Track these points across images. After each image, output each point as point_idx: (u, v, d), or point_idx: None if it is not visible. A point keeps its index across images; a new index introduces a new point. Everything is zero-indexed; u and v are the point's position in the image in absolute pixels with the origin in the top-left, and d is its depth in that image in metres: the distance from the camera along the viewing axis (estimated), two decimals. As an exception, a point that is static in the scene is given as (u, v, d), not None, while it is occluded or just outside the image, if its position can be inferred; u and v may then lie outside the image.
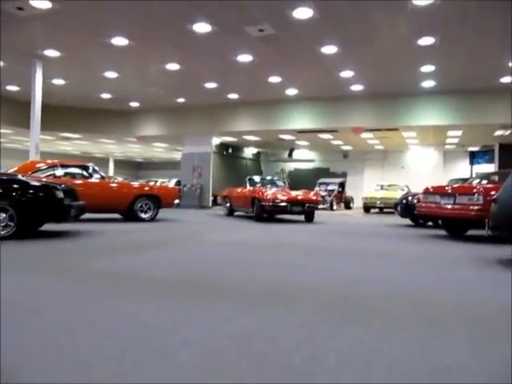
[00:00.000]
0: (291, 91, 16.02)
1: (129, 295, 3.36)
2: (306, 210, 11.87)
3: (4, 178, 6.93)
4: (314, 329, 2.62)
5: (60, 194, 6.85)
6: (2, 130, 21.19)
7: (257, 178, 14.82)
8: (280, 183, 14.91)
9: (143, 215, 10.73)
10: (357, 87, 15.14)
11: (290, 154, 26.56)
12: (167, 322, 2.68)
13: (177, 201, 11.53)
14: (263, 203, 11.52)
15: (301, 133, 19.07)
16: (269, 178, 15.87)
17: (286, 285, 3.88)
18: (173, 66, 13.30)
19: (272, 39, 10.69)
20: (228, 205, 14.31)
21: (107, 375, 1.90)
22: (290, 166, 27.59)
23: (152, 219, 10.80)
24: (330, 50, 11.41)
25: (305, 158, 27.24)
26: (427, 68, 12.80)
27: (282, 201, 11.57)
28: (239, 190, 13.88)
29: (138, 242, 6.91)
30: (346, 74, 13.53)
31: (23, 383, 1.33)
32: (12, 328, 2.51)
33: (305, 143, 23.55)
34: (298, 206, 11.66)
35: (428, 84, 14.51)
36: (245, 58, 12.16)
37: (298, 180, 25.20)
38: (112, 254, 5.52)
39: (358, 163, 26.44)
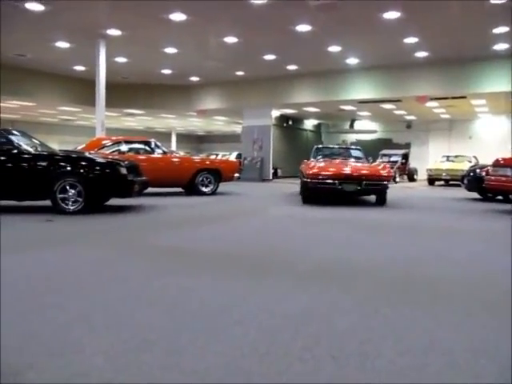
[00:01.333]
0: (352, 60, 15.51)
1: (188, 270, 3.45)
2: (367, 190, 8.75)
3: (73, 155, 7.28)
4: (370, 310, 2.57)
5: (123, 171, 7.09)
6: (73, 109, 22.21)
7: (326, 149, 11.65)
8: (357, 154, 10.95)
9: (204, 189, 10.93)
10: (421, 54, 14.39)
11: (352, 125, 25.92)
12: (224, 299, 2.73)
13: (237, 174, 11.63)
14: (306, 179, 8.92)
15: (362, 103, 18.51)
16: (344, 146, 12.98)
17: (344, 262, 3.83)
18: (231, 39, 13.23)
19: (331, 7, 10.32)
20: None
21: (163, 352, 1.96)
22: (352, 138, 26.96)
23: (213, 193, 10.98)
24: (392, 15, 10.87)
25: (367, 129, 26.51)
26: (500, 29, 11.90)
27: (328, 176, 8.65)
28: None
29: (198, 216, 7.06)
30: (410, 40, 12.87)
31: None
32: (76, 302, 2.66)
33: (366, 114, 22.88)
34: (353, 184, 8.52)
35: (500, 47, 13.51)
36: (303, 27, 11.86)
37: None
38: (172, 228, 5.68)
39: (422, 133, 25.36)
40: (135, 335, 2.15)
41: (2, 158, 6.78)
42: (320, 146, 11.43)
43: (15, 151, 6.82)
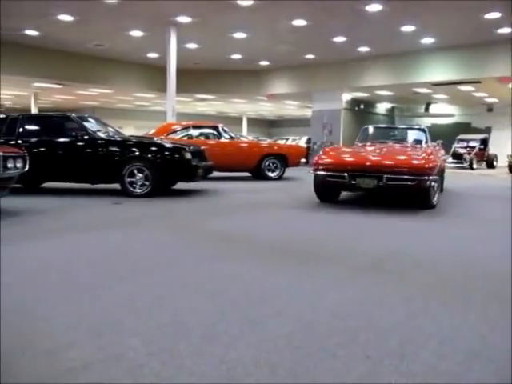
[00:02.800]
0: (427, 40, 14.68)
1: (238, 257, 3.47)
2: (392, 187, 5.93)
3: (140, 141, 7.56)
4: (419, 308, 2.45)
5: (188, 155, 7.26)
6: (147, 95, 23.01)
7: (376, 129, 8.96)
8: (417, 136, 8.25)
9: (270, 174, 10.98)
10: (505, 30, 13.32)
11: (427, 109, 24.70)
12: (268, 289, 2.72)
13: (303, 160, 11.60)
14: (317, 172, 6.49)
15: (438, 85, 17.53)
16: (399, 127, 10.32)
17: (402, 253, 3.68)
18: (300, 22, 13.00)
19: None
20: None
21: (198, 340, 1.99)
22: (427, 122, 25.72)
23: (279, 178, 11.00)
24: (472, -11, 10.13)
25: (443, 113, 25.15)
26: None
27: (337, 167, 6.27)
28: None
29: (258, 202, 7.08)
30: (492, 15, 11.94)
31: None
32: (123, 284, 2.77)
33: (443, 96, 21.66)
34: (371, 179, 5.98)
35: None
36: (375, 7, 11.37)
37: (436, 136, 23.42)
38: (230, 213, 5.74)
39: (504, 117, 23.62)
40: (175, 320, 2.20)
41: (77, 143, 7.19)
42: (368, 126, 8.80)
43: (87, 137, 7.19)
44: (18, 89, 21.42)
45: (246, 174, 11.43)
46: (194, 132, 10.95)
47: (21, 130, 7.46)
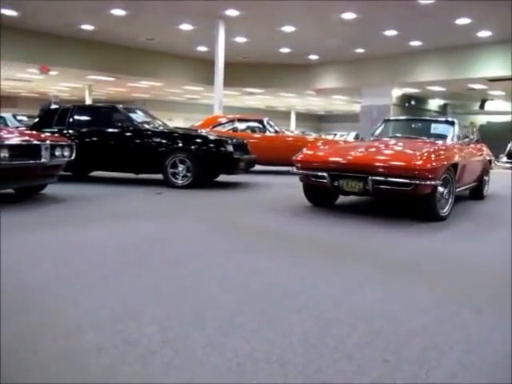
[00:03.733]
0: (483, 33, 14.04)
1: (265, 252, 3.45)
2: (381, 192, 4.75)
3: (185, 132, 7.66)
4: (449, 312, 2.34)
5: (230, 148, 7.29)
6: (196, 88, 23.34)
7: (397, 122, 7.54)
8: (443, 130, 6.59)
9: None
10: None
11: (482, 106, 23.64)
12: (291, 284, 2.68)
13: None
14: (298, 171, 5.44)
15: (494, 81, 16.75)
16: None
17: (430, 256, 3.54)
18: (350, 15, 12.77)
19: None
20: None
21: (213, 331, 1.99)
22: (482, 120, 24.67)
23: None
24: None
25: (499, 110, 24.00)
26: None
27: (319, 165, 5.16)
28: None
29: (293, 196, 7.00)
30: (556, 8, 11.27)
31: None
32: (148, 273, 2.81)
33: (500, 93, 20.67)
34: (355, 181, 4.82)
35: None
36: (428, -1, 10.99)
37: (491, 135, 22.39)
38: (265, 207, 5.70)
39: None
40: (193, 310, 2.22)
41: (124, 134, 7.39)
42: (389, 117, 7.54)
43: (133, 128, 7.37)
44: (74, 81, 22.27)
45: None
46: (240, 125, 10.98)
47: (71, 120, 7.75)
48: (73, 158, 5.89)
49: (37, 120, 8.17)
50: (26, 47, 15.30)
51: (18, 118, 12.37)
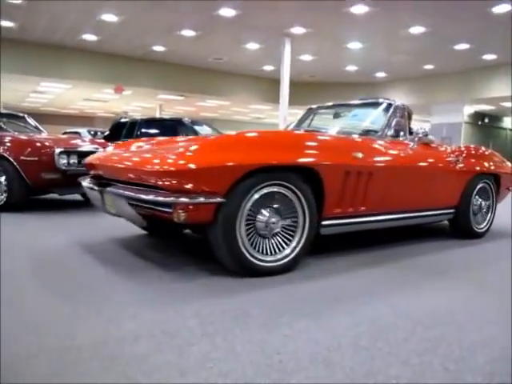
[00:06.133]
0: None
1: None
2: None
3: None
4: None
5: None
6: (262, 107, 23.63)
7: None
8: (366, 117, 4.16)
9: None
10: None
11: None
12: (353, 288, 2.53)
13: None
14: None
15: None
16: None
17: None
18: (418, 30, 12.41)
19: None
20: None
21: (256, 327, 1.89)
22: None
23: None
24: None
25: None
26: None
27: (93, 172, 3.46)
28: None
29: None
30: None
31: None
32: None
33: None
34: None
35: None
36: (503, 8, 10.43)
37: None
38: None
39: None
40: (238, 307, 2.12)
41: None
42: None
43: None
44: (145, 101, 23.32)
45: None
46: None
47: (139, 132, 8.03)
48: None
49: (107, 133, 8.56)
50: (102, 68, 16.28)
51: (92, 132, 13.08)
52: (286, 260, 2.76)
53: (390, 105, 3.93)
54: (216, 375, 1.48)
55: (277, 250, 2.75)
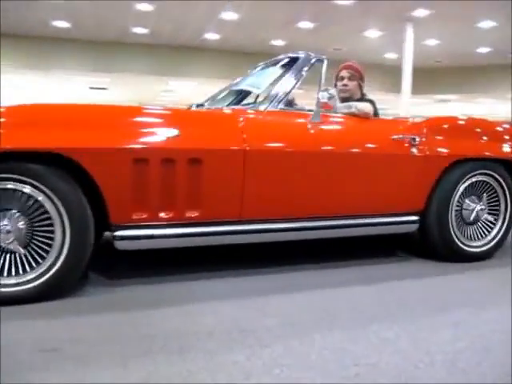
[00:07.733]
0: None
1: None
2: None
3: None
4: None
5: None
6: (383, 97, 22.71)
7: None
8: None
9: None
10: None
11: None
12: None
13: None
14: None
15: None
16: None
17: None
18: None
19: None
20: None
21: (340, 333, 1.76)
22: None
23: None
24: None
25: None
26: None
27: None
28: None
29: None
30: None
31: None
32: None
33: None
34: None
35: None
36: None
37: None
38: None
39: None
40: (324, 307, 2.00)
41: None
42: None
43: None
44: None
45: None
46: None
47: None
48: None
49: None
50: (224, 65, 16.90)
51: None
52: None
53: (293, 60, 2.78)
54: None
55: None
